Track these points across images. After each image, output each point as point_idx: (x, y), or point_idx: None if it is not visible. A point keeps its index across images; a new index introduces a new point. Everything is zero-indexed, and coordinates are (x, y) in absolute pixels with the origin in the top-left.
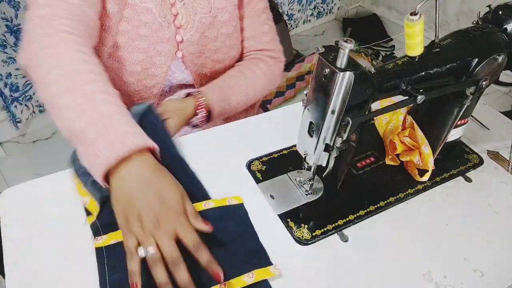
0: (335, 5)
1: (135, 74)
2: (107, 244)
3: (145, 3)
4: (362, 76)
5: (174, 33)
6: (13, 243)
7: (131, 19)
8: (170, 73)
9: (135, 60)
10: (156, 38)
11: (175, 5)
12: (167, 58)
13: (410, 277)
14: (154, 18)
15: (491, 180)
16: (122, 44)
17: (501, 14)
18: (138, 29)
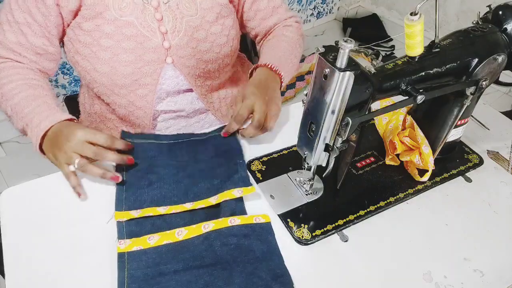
0: (335, 5)
1: (126, 86)
2: (129, 250)
3: (125, 16)
4: (362, 76)
5: (161, 40)
6: (13, 243)
7: (113, 34)
8: (163, 80)
9: (123, 74)
10: (142, 49)
11: (159, 9)
12: (157, 66)
13: (410, 277)
14: (137, 30)
15: (491, 180)
16: (106, 60)
17: (501, 14)
18: (122, 43)
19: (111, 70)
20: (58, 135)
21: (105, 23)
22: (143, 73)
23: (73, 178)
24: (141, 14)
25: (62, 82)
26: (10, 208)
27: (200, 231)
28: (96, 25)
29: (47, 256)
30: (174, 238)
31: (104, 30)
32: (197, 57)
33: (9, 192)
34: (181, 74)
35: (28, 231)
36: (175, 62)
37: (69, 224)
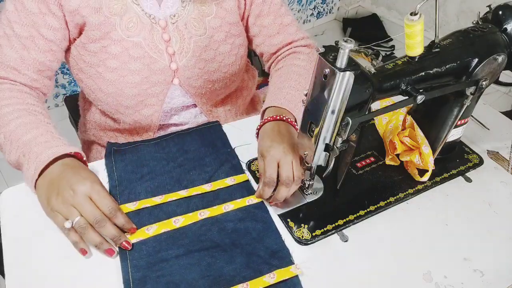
0: (335, 5)
1: (131, 107)
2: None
3: (133, 37)
4: (362, 76)
5: (168, 62)
6: (13, 243)
7: (120, 55)
8: (168, 100)
9: (129, 95)
10: (149, 71)
11: (167, 29)
12: (163, 87)
13: (410, 277)
14: (144, 52)
15: (491, 180)
16: (112, 81)
17: (501, 14)
18: (128, 64)
19: (116, 91)
20: (61, 178)
21: (111, 44)
22: (149, 94)
23: (73, 233)
24: (149, 35)
25: (62, 82)
26: (10, 208)
27: (196, 218)
28: (102, 46)
29: (47, 256)
30: (172, 226)
31: (110, 51)
32: (204, 77)
33: (9, 192)
34: (187, 94)
35: (28, 231)
36: (182, 83)
37: None
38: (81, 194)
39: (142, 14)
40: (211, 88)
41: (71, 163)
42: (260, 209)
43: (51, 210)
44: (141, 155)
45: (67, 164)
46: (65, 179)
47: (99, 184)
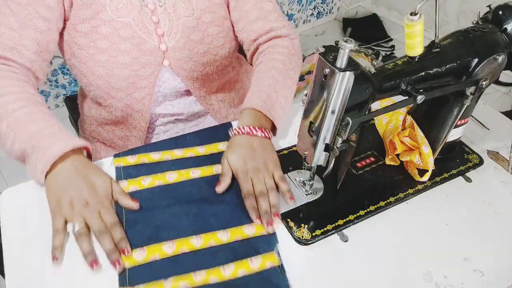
0: (335, 5)
1: (123, 89)
2: (126, 190)
3: (122, 17)
4: (362, 76)
5: (157, 42)
6: (13, 243)
7: (110, 35)
8: (160, 83)
9: (120, 76)
10: (139, 51)
11: (156, 12)
12: (154, 68)
13: (410, 277)
14: (134, 32)
15: (491, 180)
16: (103, 62)
17: (501, 14)
18: (119, 45)
19: (107, 73)
20: (74, 184)
21: (101, 24)
22: (140, 76)
23: (61, 237)
24: (138, 15)
25: (62, 82)
26: (10, 208)
27: (188, 176)
28: (92, 26)
29: (47, 256)
30: (165, 181)
31: (100, 32)
32: (194, 59)
33: (9, 192)
34: (178, 77)
35: (28, 231)
36: (172, 64)
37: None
38: (93, 209)
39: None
40: (202, 71)
41: (81, 163)
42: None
43: (57, 213)
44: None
45: (78, 164)
46: (79, 188)
47: (109, 200)
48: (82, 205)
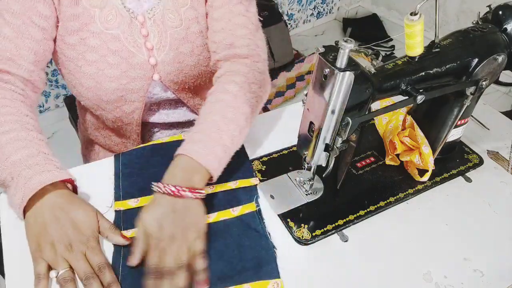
0: (335, 5)
1: (112, 102)
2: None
3: (111, 29)
4: (362, 76)
5: (147, 56)
6: (13, 243)
7: (98, 48)
8: (150, 96)
9: (109, 89)
10: (128, 65)
11: (145, 24)
12: (143, 82)
13: (410, 277)
14: (123, 45)
15: (491, 180)
16: (92, 74)
17: (501, 14)
18: (107, 58)
19: (96, 85)
20: (55, 224)
21: (90, 36)
22: (129, 89)
23: (45, 283)
24: (128, 28)
25: (62, 82)
26: (10, 208)
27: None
28: (81, 38)
29: None
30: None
31: (89, 44)
32: (184, 72)
33: None
34: (169, 90)
35: None
36: (163, 78)
37: None
38: (77, 251)
39: (121, 7)
40: (194, 83)
41: (63, 198)
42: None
43: (38, 257)
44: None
45: (59, 200)
46: (60, 227)
47: (95, 238)
48: (65, 247)
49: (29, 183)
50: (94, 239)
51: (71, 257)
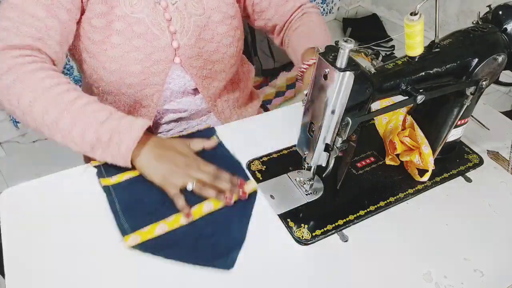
0: (335, 5)
1: (134, 85)
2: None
3: (136, 13)
4: (362, 76)
5: (170, 40)
6: (13, 243)
7: (123, 31)
8: (169, 80)
9: (132, 72)
10: (152, 48)
11: (168, 9)
12: (165, 65)
13: (410, 277)
14: (147, 28)
15: (491, 180)
16: (117, 58)
17: (501, 14)
18: (132, 41)
19: (120, 68)
20: (170, 156)
21: (115, 20)
22: (152, 72)
23: (182, 198)
24: (152, 12)
25: None
26: (10, 208)
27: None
28: (107, 21)
29: (47, 256)
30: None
31: (114, 27)
32: (204, 57)
33: (9, 192)
34: (187, 74)
35: (28, 231)
36: (183, 62)
37: (69, 224)
38: (194, 167)
39: None
40: (211, 69)
41: (154, 138)
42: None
43: (169, 183)
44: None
45: (154, 139)
46: (172, 158)
47: (195, 156)
48: (184, 168)
49: (132, 131)
50: (195, 156)
51: (192, 172)
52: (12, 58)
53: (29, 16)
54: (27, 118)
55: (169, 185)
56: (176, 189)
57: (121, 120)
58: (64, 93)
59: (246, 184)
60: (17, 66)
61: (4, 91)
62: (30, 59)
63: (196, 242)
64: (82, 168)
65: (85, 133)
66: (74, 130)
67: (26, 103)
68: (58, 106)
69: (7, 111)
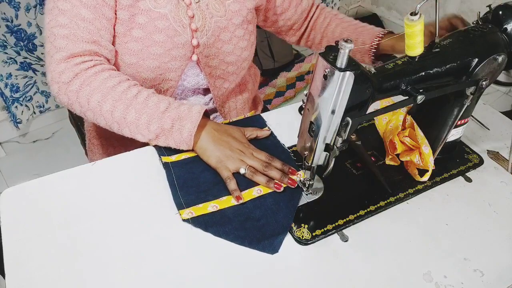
0: (335, 5)
1: (149, 80)
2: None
3: (160, 8)
4: (362, 76)
5: (190, 37)
6: (13, 243)
7: (145, 25)
8: (184, 77)
9: (150, 67)
10: (172, 43)
11: (191, 6)
12: (182, 62)
13: (410, 277)
14: (169, 24)
15: (491, 180)
16: (136, 51)
17: (501, 14)
18: (153, 35)
19: (138, 62)
20: (224, 140)
21: (139, 13)
22: (168, 68)
23: (234, 181)
24: (175, 8)
25: None
26: (10, 208)
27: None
28: (131, 14)
29: (47, 256)
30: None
31: (137, 21)
32: (220, 57)
33: (9, 192)
34: (202, 73)
35: (28, 231)
36: (200, 60)
37: (69, 224)
38: (248, 153)
39: None
40: (225, 70)
41: (212, 123)
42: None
43: (223, 166)
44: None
45: (212, 124)
46: (228, 143)
47: (249, 143)
48: (239, 153)
49: (191, 117)
50: (250, 144)
51: (246, 158)
52: (76, 65)
53: (80, 21)
54: (98, 117)
55: (223, 168)
56: (229, 172)
57: (180, 108)
58: (126, 90)
59: (296, 173)
60: (82, 71)
61: (74, 95)
62: (92, 63)
63: (244, 223)
64: (82, 168)
65: (149, 124)
66: (140, 122)
67: (95, 103)
68: (123, 102)
69: (78, 113)
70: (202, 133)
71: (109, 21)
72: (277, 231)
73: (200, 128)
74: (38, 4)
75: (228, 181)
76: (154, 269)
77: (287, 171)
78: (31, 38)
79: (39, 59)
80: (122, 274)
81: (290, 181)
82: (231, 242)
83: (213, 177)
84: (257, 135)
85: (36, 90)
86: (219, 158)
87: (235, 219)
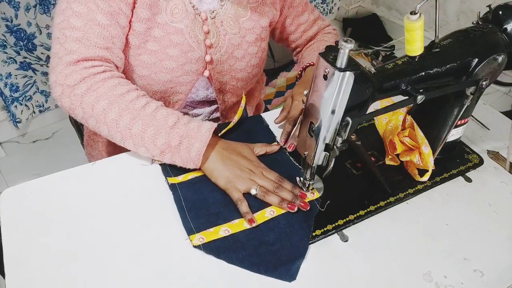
0: (335, 5)
1: (160, 92)
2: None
3: (176, 23)
4: (362, 76)
5: (204, 53)
6: (13, 243)
7: (161, 39)
8: (194, 90)
9: (162, 80)
10: (185, 58)
11: (207, 22)
12: (194, 77)
13: (410, 277)
14: (184, 39)
15: (491, 180)
16: (149, 64)
17: (501, 14)
18: (167, 49)
19: (150, 75)
20: (234, 159)
21: (155, 27)
22: (179, 82)
23: (245, 203)
24: (191, 24)
25: None
26: (10, 208)
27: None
28: (148, 27)
29: (47, 256)
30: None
31: (153, 34)
32: (231, 74)
33: (9, 192)
34: (211, 87)
35: (28, 231)
36: (211, 76)
37: (69, 224)
38: (258, 173)
39: (187, 2)
40: (234, 86)
41: (221, 142)
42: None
43: (233, 187)
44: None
45: (221, 143)
46: (237, 163)
47: (258, 162)
48: (249, 173)
49: (201, 136)
50: (260, 163)
51: (256, 178)
52: (84, 69)
53: (95, 25)
54: (100, 125)
55: (233, 189)
56: (239, 193)
57: (189, 125)
58: (135, 100)
59: (306, 197)
60: (90, 76)
61: (78, 100)
62: (101, 69)
63: (258, 248)
64: (82, 168)
65: (156, 137)
66: (145, 135)
67: (100, 110)
68: (131, 112)
69: (79, 120)
70: (210, 152)
71: (123, 29)
72: (293, 256)
73: (209, 147)
74: (38, 4)
75: (239, 203)
76: (154, 269)
77: (297, 194)
78: (30, 38)
79: (39, 59)
80: (122, 274)
81: (302, 203)
82: (246, 269)
83: (223, 198)
84: (266, 151)
85: (36, 90)
86: (228, 178)
87: (249, 243)
